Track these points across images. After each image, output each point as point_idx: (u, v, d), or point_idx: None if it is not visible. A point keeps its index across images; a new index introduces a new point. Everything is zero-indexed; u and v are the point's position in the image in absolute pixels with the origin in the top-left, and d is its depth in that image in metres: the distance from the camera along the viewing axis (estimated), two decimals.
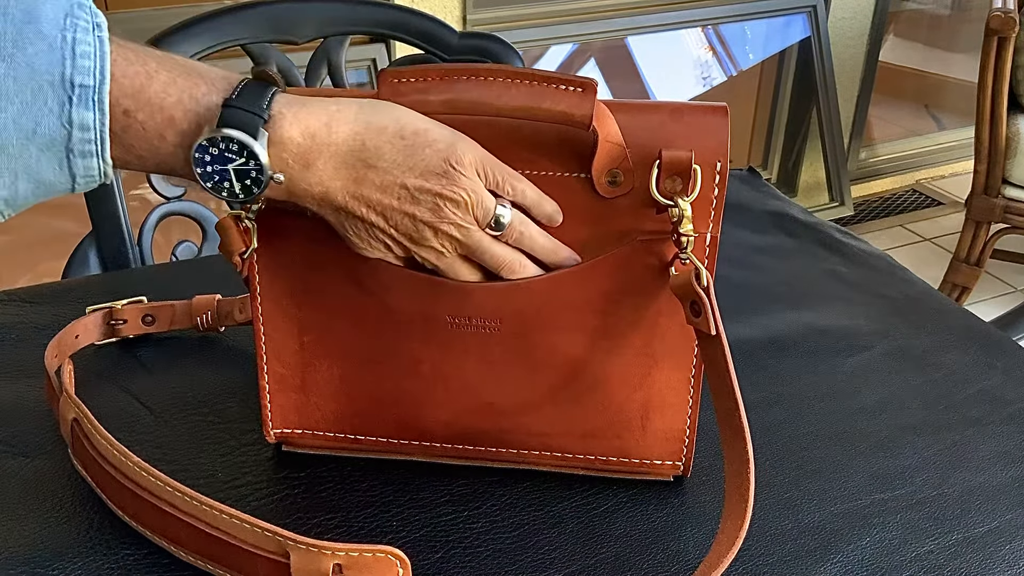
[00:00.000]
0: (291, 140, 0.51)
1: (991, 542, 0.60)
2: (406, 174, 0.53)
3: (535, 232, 0.57)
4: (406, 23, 1.11)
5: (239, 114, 0.50)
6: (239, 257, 0.58)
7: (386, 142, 0.53)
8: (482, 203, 0.54)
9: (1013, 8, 1.91)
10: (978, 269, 2.14)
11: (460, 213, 0.54)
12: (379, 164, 0.53)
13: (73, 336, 0.72)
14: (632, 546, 0.58)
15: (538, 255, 0.58)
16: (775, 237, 0.96)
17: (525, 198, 0.56)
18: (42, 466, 0.63)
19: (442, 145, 0.53)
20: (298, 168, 0.52)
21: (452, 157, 0.53)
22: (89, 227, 1.03)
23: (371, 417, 0.63)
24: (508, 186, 0.56)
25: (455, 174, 0.53)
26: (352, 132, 0.52)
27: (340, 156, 0.52)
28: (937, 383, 0.75)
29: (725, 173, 0.56)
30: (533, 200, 0.56)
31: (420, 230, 0.55)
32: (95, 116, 0.48)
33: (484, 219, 0.55)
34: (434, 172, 0.53)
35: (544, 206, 0.57)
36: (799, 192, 2.77)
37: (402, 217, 0.54)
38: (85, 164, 0.49)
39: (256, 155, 0.50)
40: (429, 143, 0.53)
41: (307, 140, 0.51)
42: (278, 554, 0.50)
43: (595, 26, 2.25)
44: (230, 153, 0.50)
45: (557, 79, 0.54)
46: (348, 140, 0.52)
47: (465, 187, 0.54)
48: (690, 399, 0.61)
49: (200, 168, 0.51)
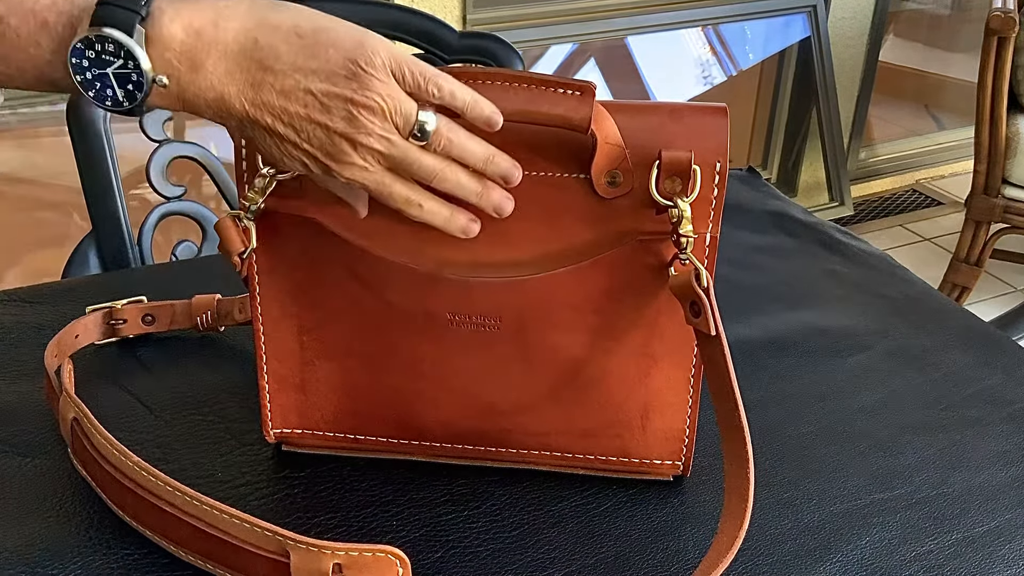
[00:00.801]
0: (173, 38, 0.47)
1: (991, 542, 0.60)
2: (309, 78, 0.48)
3: (466, 139, 0.52)
4: (406, 23, 1.11)
5: (114, 11, 0.46)
6: (238, 257, 0.58)
7: (282, 40, 0.48)
8: (400, 108, 0.49)
9: (1013, 8, 1.91)
10: (978, 269, 2.14)
11: (378, 121, 0.49)
12: (276, 66, 0.48)
13: (73, 336, 0.72)
14: (632, 546, 0.58)
15: (472, 164, 0.53)
16: (775, 237, 0.96)
17: (454, 99, 0.51)
18: (42, 466, 0.63)
19: (348, 44, 0.48)
20: (185, 70, 0.48)
21: (361, 57, 0.48)
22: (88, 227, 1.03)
23: (371, 417, 0.63)
24: (432, 87, 0.50)
25: (366, 76, 0.48)
26: (242, 28, 0.48)
27: (231, 56, 0.48)
28: (937, 383, 0.75)
29: (725, 173, 0.56)
30: (465, 101, 0.51)
31: (336, 143, 0.49)
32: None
33: (405, 127, 0.50)
34: (341, 75, 0.48)
35: (481, 108, 0.51)
36: (799, 192, 2.77)
37: (313, 128, 0.49)
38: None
39: (133, 55, 0.47)
40: (333, 42, 0.48)
41: (191, 38, 0.47)
42: (278, 554, 0.50)
43: (595, 26, 2.25)
44: (107, 55, 0.47)
45: (555, 83, 0.53)
46: (238, 37, 0.48)
47: (379, 91, 0.48)
48: (690, 399, 0.61)
49: (79, 75, 0.48)
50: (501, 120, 0.52)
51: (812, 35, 2.52)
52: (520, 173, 0.54)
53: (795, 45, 2.58)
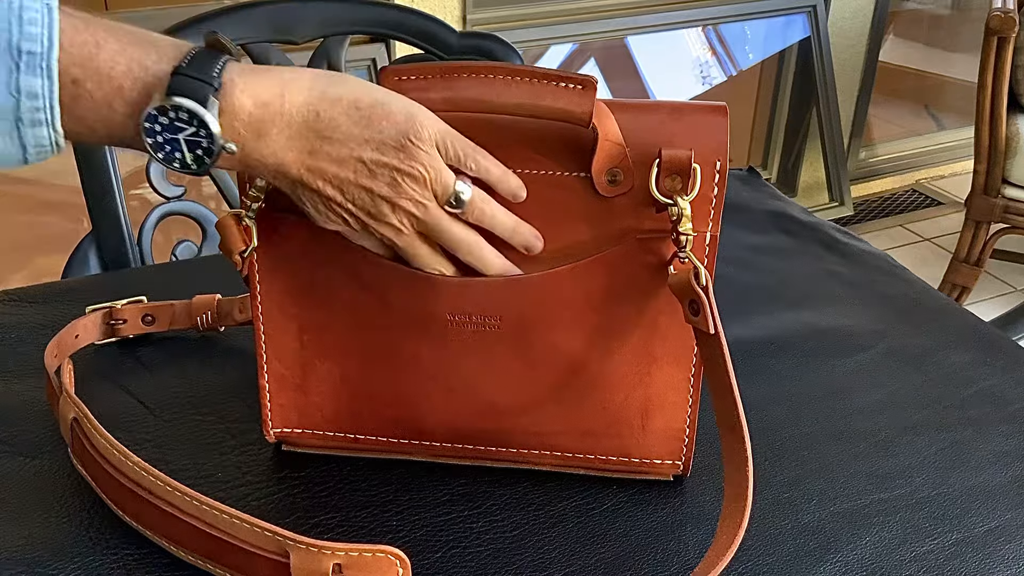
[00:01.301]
0: (242, 109, 0.50)
1: (991, 542, 0.60)
2: (363, 147, 0.52)
3: (496, 210, 0.56)
4: (406, 23, 1.11)
5: (189, 82, 0.48)
6: (239, 256, 0.58)
7: (341, 113, 0.51)
8: (441, 178, 0.53)
9: (1013, 8, 1.91)
10: (978, 269, 2.14)
11: (418, 189, 0.53)
12: (334, 136, 0.51)
13: (73, 336, 0.72)
14: (632, 546, 0.58)
15: (499, 233, 0.56)
16: (775, 237, 0.96)
17: (488, 174, 0.55)
18: (42, 466, 0.63)
19: (400, 118, 0.52)
20: (251, 138, 0.50)
21: (411, 131, 0.52)
22: (84, 224, 1.03)
23: (371, 416, 0.63)
24: (471, 161, 0.54)
25: (413, 148, 0.52)
26: (306, 102, 0.51)
27: (294, 127, 0.51)
28: (937, 383, 0.75)
29: (725, 172, 0.56)
30: (497, 176, 0.55)
31: (378, 205, 0.53)
32: (43, 83, 0.47)
33: (443, 195, 0.54)
34: (392, 146, 0.52)
35: (508, 182, 0.55)
36: (799, 192, 2.77)
37: (359, 191, 0.53)
38: (36, 134, 0.48)
39: (206, 124, 0.49)
40: (387, 115, 0.52)
41: (259, 109, 0.50)
42: (278, 554, 0.50)
43: (595, 26, 2.25)
44: (180, 122, 0.49)
45: (557, 76, 0.54)
46: (302, 110, 0.51)
47: (423, 162, 0.52)
48: (690, 398, 0.61)
49: (151, 138, 0.49)
50: (525, 193, 0.56)
51: (812, 35, 2.52)
52: (541, 243, 0.57)
53: (795, 45, 2.58)
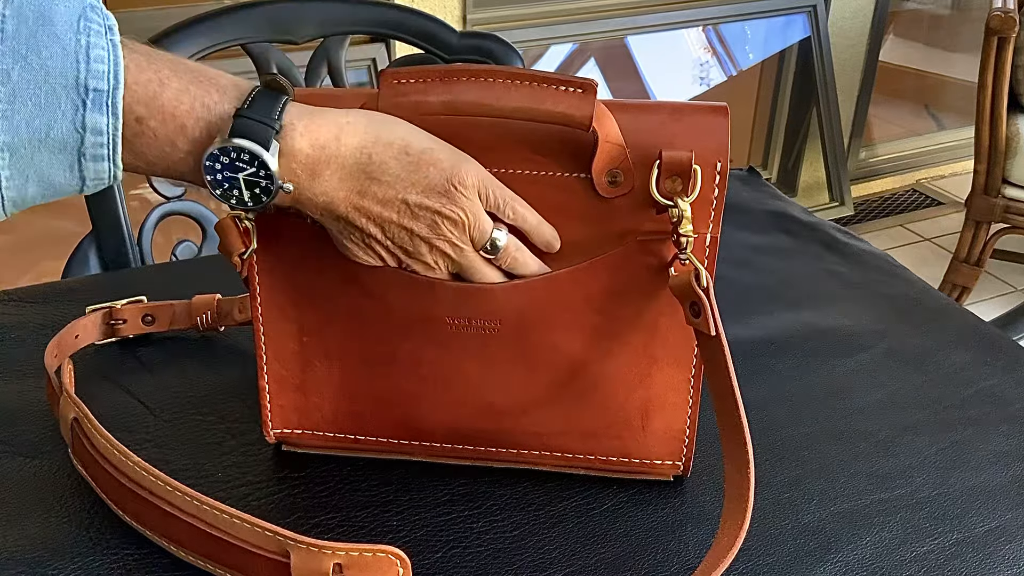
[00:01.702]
0: (301, 152, 0.52)
1: (991, 542, 0.60)
2: (408, 190, 0.53)
3: (529, 259, 0.57)
4: (406, 23, 1.11)
5: (251, 125, 0.50)
6: (239, 257, 0.58)
7: (392, 157, 0.53)
8: (479, 224, 0.55)
9: (1013, 8, 1.91)
10: (978, 269, 2.14)
11: (456, 232, 0.55)
12: (383, 178, 0.53)
13: (73, 336, 0.72)
14: (632, 546, 0.58)
15: None
16: (775, 237, 0.96)
17: (525, 223, 0.57)
18: (42, 466, 0.63)
19: (446, 164, 0.54)
20: (305, 178, 0.52)
21: (455, 177, 0.54)
22: (89, 227, 1.03)
23: (371, 417, 0.63)
24: (509, 209, 0.56)
25: (456, 194, 0.54)
26: (360, 145, 0.53)
27: (347, 168, 0.53)
28: (937, 383, 0.75)
29: (725, 173, 0.56)
30: (532, 225, 0.57)
31: (416, 244, 0.55)
32: (108, 121, 0.48)
33: (480, 241, 0.56)
34: (436, 190, 0.53)
35: (543, 232, 0.57)
36: (799, 192, 2.77)
37: (399, 231, 0.55)
38: (96, 168, 0.49)
39: (267, 165, 0.51)
40: (434, 162, 0.53)
41: (316, 151, 0.52)
42: (278, 554, 0.50)
43: (595, 26, 2.25)
44: (241, 163, 0.50)
45: (557, 80, 0.54)
46: (355, 153, 0.52)
47: (464, 207, 0.54)
48: (690, 399, 0.61)
49: (211, 176, 0.51)
50: (559, 245, 0.58)
51: (812, 35, 2.52)
52: None
53: (795, 45, 2.58)
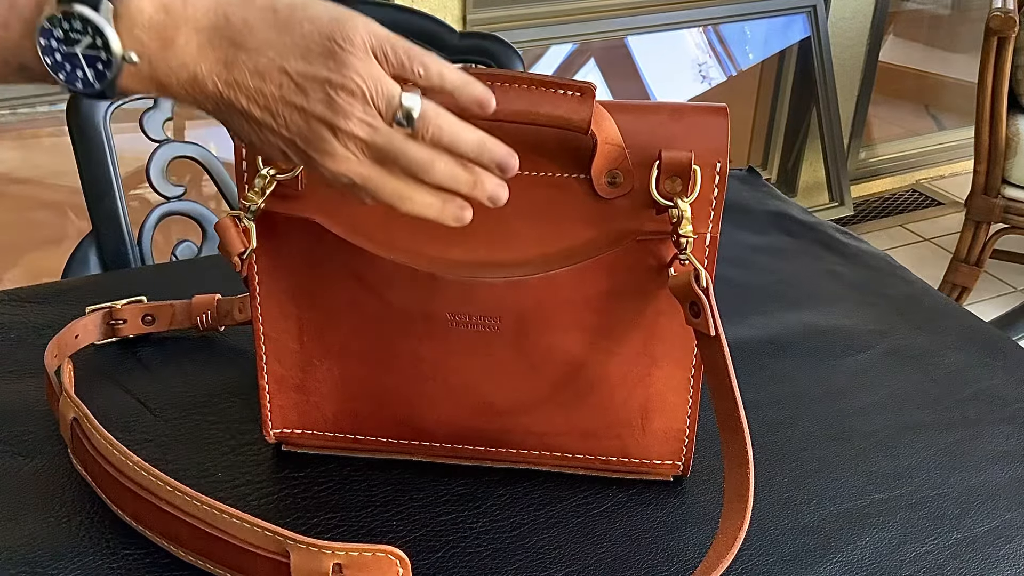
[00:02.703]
0: (141, 12, 0.45)
1: (991, 542, 0.60)
2: (285, 56, 0.45)
3: (455, 123, 0.48)
4: (406, 23, 1.11)
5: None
6: (238, 257, 0.58)
7: (256, 16, 0.46)
8: (382, 90, 0.46)
9: (1013, 8, 1.91)
10: (978, 269, 2.14)
11: (358, 104, 0.46)
12: (249, 43, 0.45)
13: (73, 336, 0.72)
14: (632, 546, 0.58)
15: (464, 152, 0.49)
16: (775, 237, 0.96)
17: (443, 80, 0.47)
18: (42, 466, 0.63)
19: (325, 20, 0.46)
20: (156, 48, 0.46)
21: (337, 34, 0.45)
22: (88, 227, 1.03)
23: (371, 417, 0.63)
24: (417, 66, 0.47)
25: (344, 55, 0.45)
26: (213, 3, 0.46)
27: (203, 32, 0.46)
28: (937, 383, 0.75)
29: (725, 174, 0.56)
30: (454, 83, 0.48)
31: (315, 129, 0.46)
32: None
33: (388, 111, 0.46)
34: (317, 52, 0.45)
35: (471, 88, 0.48)
36: (799, 192, 2.77)
37: (290, 112, 0.46)
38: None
39: (101, 31, 0.45)
40: (310, 18, 0.46)
41: (160, 13, 0.45)
42: (278, 554, 0.50)
43: (595, 26, 2.25)
44: (75, 32, 0.45)
45: (556, 83, 0.53)
46: (208, 12, 0.46)
47: (358, 71, 0.45)
48: (690, 399, 0.61)
49: (48, 57, 0.46)
50: (494, 102, 0.49)
51: (812, 35, 2.52)
52: (516, 161, 0.50)
53: (795, 45, 2.58)
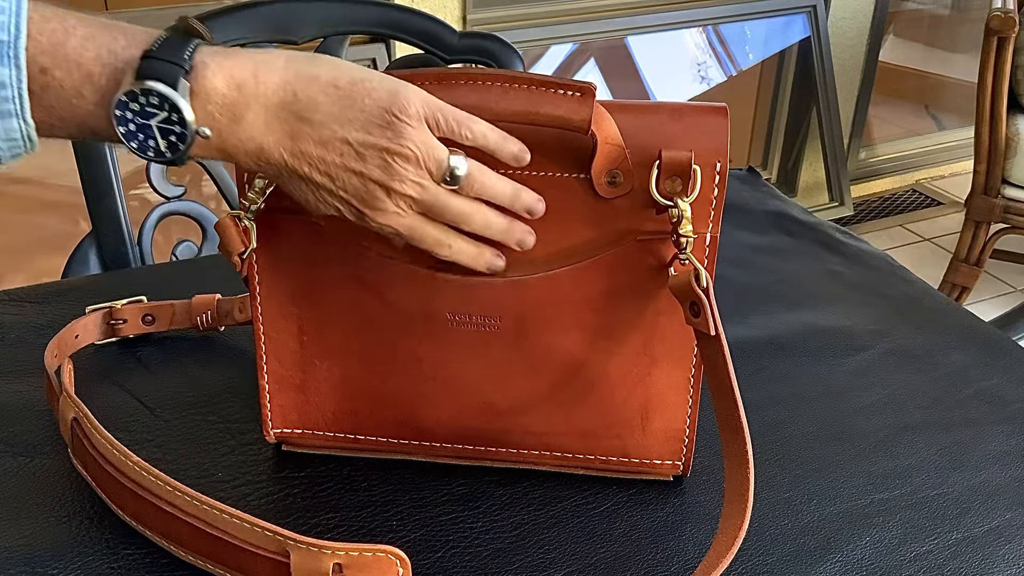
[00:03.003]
0: (215, 91, 0.48)
1: (991, 542, 0.60)
2: (346, 127, 0.49)
3: (495, 180, 0.54)
4: (406, 23, 1.11)
5: (158, 64, 0.47)
6: (238, 257, 0.58)
7: (319, 92, 0.49)
8: (433, 154, 0.51)
9: (1013, 8, 1.91)
10: (978, 269, 2.14)
11: (412, 168, 0.50)
12: (314, 117, 0.49)
13: (73, 336, 0.72)
14: (632, 546, 0.58)
15: (500, 203, 0.55)
16: (775, 237, 0.96)
17: (487, 140, 0.53)
18: (42, 466, 0.63)
19: (383, 94, 0.50)
20: (226, 122, 0.49)
21: (395, 106, 0.49)
22: (88, 227, 1.03)
23: (371, 417, 0.63)
24: (465, 130, 0.52)
25: (400, 125, 0.49)
26: (282, 81, 0.49)
27: (271, 109, 0.49)
28: (937, 383, 0.75)
29: (725, 173, 0.56)
30: (495, 142, 0.53)
31: (371, 190, 0.51)
32: (11, 73, 0.46)
33: (438, 172, 0.51)
34: (377, 124, 0.49)
35: (508, 147, 0.53)
36: (799, 192, 2.77)
37: (349, 176, 0.50)
38: (6, 126, 0.47)
39: (178, 107, 0.47)
40: (368, 92, 0.50)
41: (233, 91, 0.48)
42: (278, 553, 0.50)
43: (595, 26, 2.25)
44: (151, 107, 0.47)
45: (556, 83, 0.53)
46: (278, 90, 0.49)
47: (413, 139, 0.50)
48: (690, 399, 0.61)
49: (123, 127, 0.48)
50: (528, 157, 0.54)
51: (812, 35, 2.52)
52: (544, 206, 0.56)
53: (795, 45, 2.58)
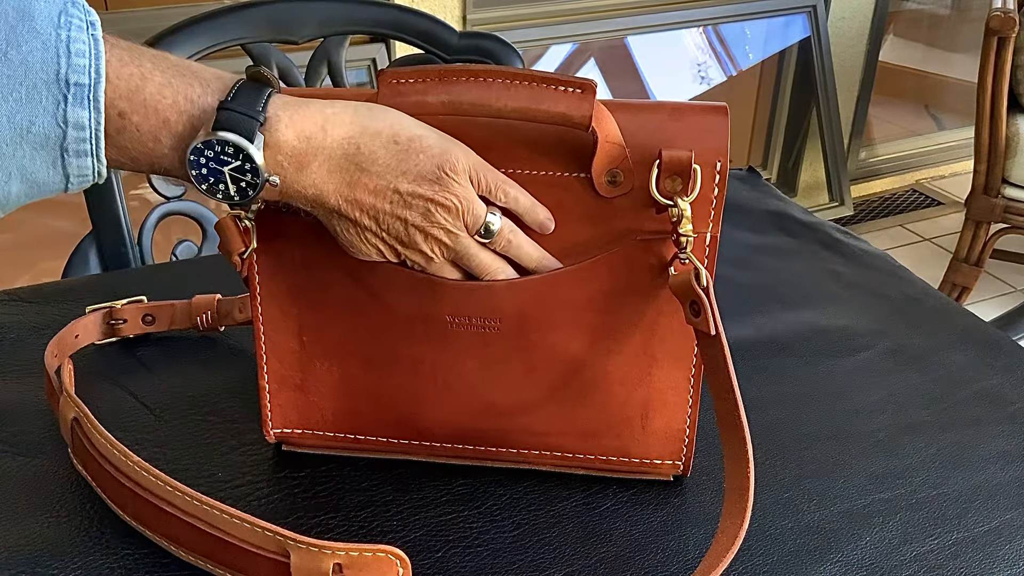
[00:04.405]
0: (286, 143, 0.51)
1: (991, 542, 0.60)
2: (399, 179, 0.53)
3: (524, 241, 0.57)
4: (406, 23, 1.11)
5: (235, 117, 0.50)
6: (238, 257, 0.58)
7: (380, 146, 0.53)
8: (472, 210, 0.55)
9: (1013, 8, 1.91)
10: (978, 269, 2.14)
11: (451, 219, 0.54)
12: (373, 168, 0.53)
13: (73, 336, 0.72)
14: (632, 546, 0.58)
15: (524, 264, 0.58)
16: (775, 237, 0.96)
17: (518, 204, 0.56)
18: (42, 466, 0.63)
19: (436, 151, 0.53)
20: (292, 170, 0.52)
21: (446, 164, 0.53)
22: (89, 227, 1.03)
23: (371, 417, 0.63)
24: (501, 192, 0.56)
25: (448, 180, 0.53)
26: (347, 135, 0.52)
27: (335, 159, 0.52)
28: (937, 383, 0.75)
29: (725, 173, 0.56)
30: (525, 207, 0.57)
31: (411, 234, 0.55)
32: (90, 115, 0.48)
33: (474, 226, 0.55)
34: (427, 178, 0.53)
35: (536, 213, 0.57)
36: (799, 192, 2.77)
37: (394, 221, 0.54)
38: (79, 164, 0.49)
39: (252, 158, 0.50)
40: (423, 149, 0.53)
41: (302, 143, 0.52)
42: (278, 554, 0.50)
43: (595, 26, 2.25)
44: (225, 156, 0.50)
45: (556, 80, 0.53)
46: (343, 143, 0.52)
47: (457, 193, 0.54)
48: (690, 399, 0.61)
49: (195, 171, 0.51)
50: (553, 225, 0.57)
51: (812, 35, 2.52)
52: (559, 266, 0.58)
53: (795, 45, 2.58)
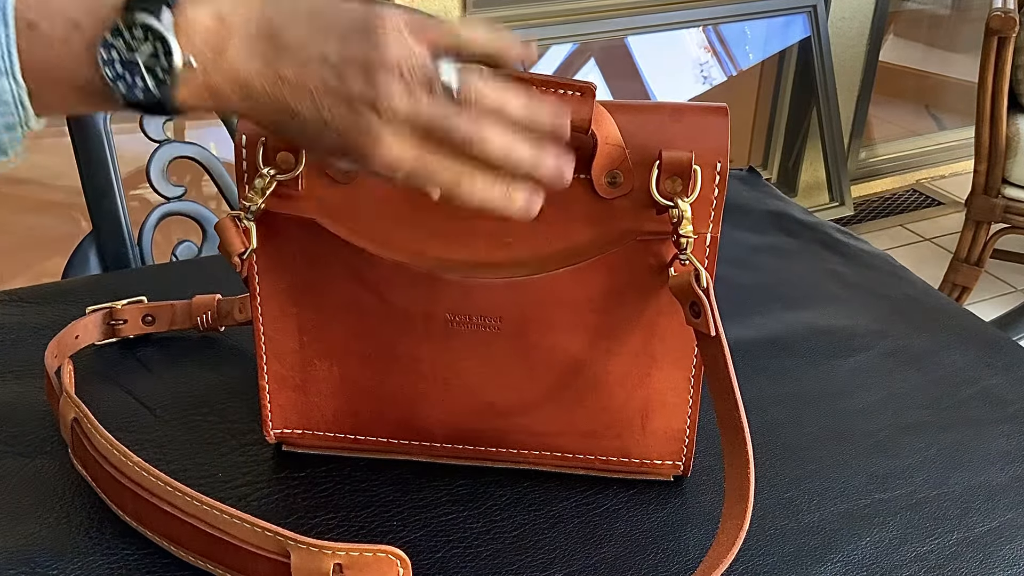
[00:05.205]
0: (199, 22, 0.47)
1: (991, 542, 0.60)
2: (324, 44, 0.47)
3: (499, 88, 0.48)
4: None
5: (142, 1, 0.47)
6: (238, 258, 0.58)
7: (299, 18, 0.48)
8: (419, 62, 0.46)
9: (1013, 8, 1.91)
10: (978, 269, 2.14)
11: (396, 80, 0.46)
12: (292, 42, 0.47)
13: (73, 336, 0.72)
14: (632, 546, 0.58)
15: (513, 116, 0.48)
16: (775, 237, 0.96)
17: (475, 44, 0.48)
18: (42, 466, 0.63)
19: (363, 9, 0.47)
20: (211, 56, 0.48)
21: (372, 15, 0.47)
22: (89, 227, 1.03)
23: (371, 417, 0.63)
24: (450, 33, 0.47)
25: (379, 35, 0.46)
26: (261, 12, 0.48)
27: (251, 38, 0.48)
28: (937, 383, 0.75)
29: (725, 173, 0.56)
30: (487, 39, 0.48)
31: (360, 112, 0.47)
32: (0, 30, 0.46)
33: (428, 82, 0.47)
34: (355, 31, 0.47)
35: (512, 48, 0.48)
36: (799, 192, 2.77)
37: (333, 100, 0.47)
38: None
39: (163, 37, 0.47)
40: (346, 10, 0.47)
41: (216, 23, 0.48)
42: (278, 554, 0.50)
43: (595, 26, 2.25)
44: (136, 41, 0.47)
45: (556, 83, 0.53)
46: (257, 19, 0.48)
47: (393, 47, 0.46)
48: (690, 399, 0.61)
49: (109, 69, 0.48)
50: (536, 55, 0.49)
51: (812, 35, 2.52)
52: (568, 118, 0.49)
53: (795, 45, 2.58)
